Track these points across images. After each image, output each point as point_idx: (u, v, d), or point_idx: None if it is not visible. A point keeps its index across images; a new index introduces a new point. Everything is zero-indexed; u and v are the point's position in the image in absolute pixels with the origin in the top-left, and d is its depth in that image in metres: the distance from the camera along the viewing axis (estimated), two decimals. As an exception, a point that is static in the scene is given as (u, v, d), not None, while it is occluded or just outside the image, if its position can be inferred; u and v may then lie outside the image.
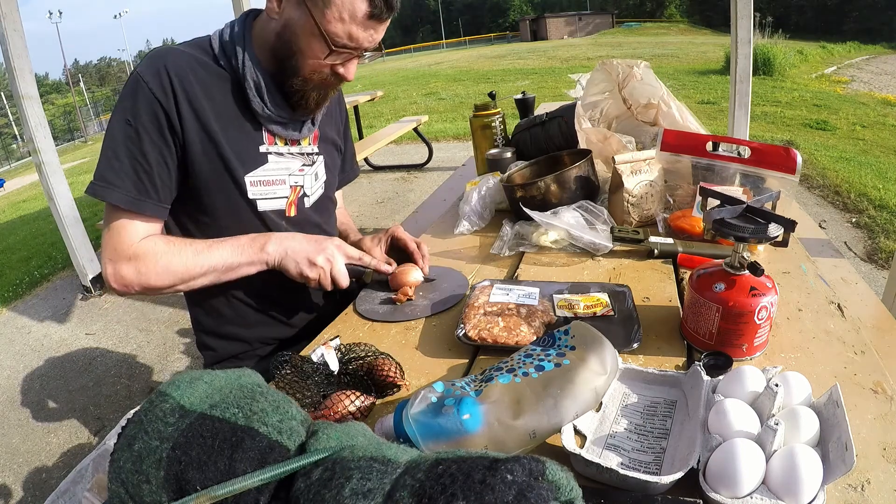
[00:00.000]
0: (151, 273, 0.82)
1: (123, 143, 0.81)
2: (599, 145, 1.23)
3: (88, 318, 3.04)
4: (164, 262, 0.83)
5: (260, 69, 0.86)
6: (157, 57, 0.83)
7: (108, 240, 0.84)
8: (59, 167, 3.04)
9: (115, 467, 0.40)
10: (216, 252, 0.85)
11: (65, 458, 1.90)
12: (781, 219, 0.61)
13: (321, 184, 1.02)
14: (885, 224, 3.06)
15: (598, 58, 5.85)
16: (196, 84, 0.83)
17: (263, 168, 0.91)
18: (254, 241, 0.86)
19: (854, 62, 13.79)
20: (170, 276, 0.83)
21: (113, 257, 0.83)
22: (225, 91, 0.87)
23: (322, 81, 0.87)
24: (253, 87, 0.86)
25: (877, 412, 0.55)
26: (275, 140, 0.93)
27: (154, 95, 0.80)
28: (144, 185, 0.82)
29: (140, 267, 0.82)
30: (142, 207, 0.83)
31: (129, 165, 0.81)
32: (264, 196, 0.92)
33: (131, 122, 0.81)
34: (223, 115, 0.86)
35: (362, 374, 0.66)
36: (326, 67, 0.85)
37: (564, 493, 0.34)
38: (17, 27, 2.68)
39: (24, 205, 7.32)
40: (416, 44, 54.59)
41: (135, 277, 0.82)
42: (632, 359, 0.67)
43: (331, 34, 0.80)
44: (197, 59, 0.85)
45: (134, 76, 0.82)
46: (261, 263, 0.86)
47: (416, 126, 5.03)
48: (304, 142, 0.97)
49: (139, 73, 0.81)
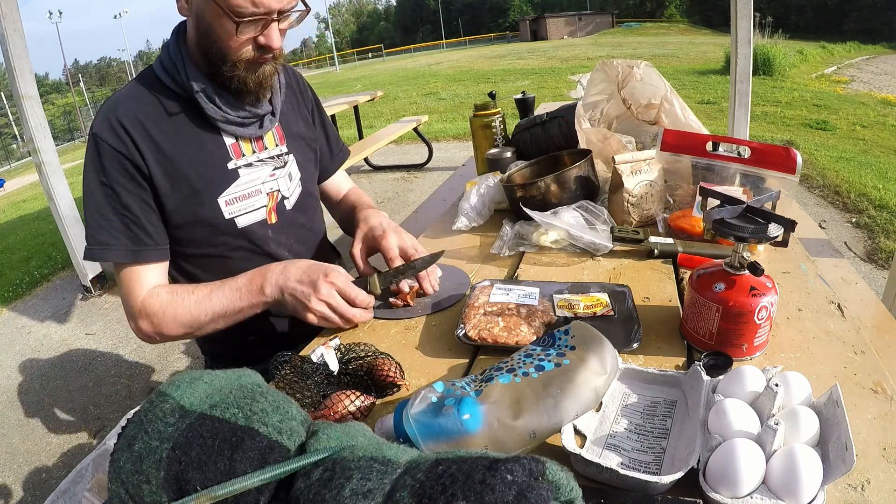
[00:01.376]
0: (163, 325, 0.85)
1: (105, 202, 0.83)
2: (599, 145, 1.23)
3: (88, 318, 3.04)
4: (170, 313, 0.84)
5: (201, 75, 0.85)
6: (108, 111, 0.84)
7: (122, 297, 0.87)
8: (59, 167, 3.04)
9: (115, 467, 0.40)
10: (216, 299, 0.84)
11: (65, 458, 1.90)
12: (781, 219, 0.61)
13: (297, 182, 1.01)
14: (885, 224, 3.06)
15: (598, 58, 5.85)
16: (150, 122, 0.84)
17: (235, 184, 0.91)
18: (251, 283, 0.83)
19: (854, 62, 13.79)
20: (180, 327, 0.85)
21: (130, 313, 0.87)
22: (180, 115, 0.87)
23: (251, 60, 0.83)
24: (203, 96, 0.85)
25: (877, 412, 0.55)
26: (241, 151, 0.92)
27: (114, 149, 0.82)
28: (138, 235, 0.85)
29: (153, 319, 0.85)
30: (143, 257, 0.86)
31: (118, 222, 0.84)
32: (242, 212, 0.92)
33: (105, 181, 0.83)
34: (182, 144, 0.86)
35: (362, 374, 0.66)
36: (247, 43, 0.81)
37: (564, 493, 0.34)
38: (17, 27, 2.68)
39: (24, 205, 7.32)
40: (416, 44, 54.62)
41: (152, 329, 0.85)
42: (632, 359, 0.67)
43: (233, 7, 0.77)
44: (145, 96, 0.86)
45: (91, 138, 0.84)
46: (261, 305, 0.84)
47: (416, 126, 5.04)
48: (271, 143, 0.96)
49: (96, 133, 0.83)
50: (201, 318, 0.84)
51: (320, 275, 0.79)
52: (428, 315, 0.83)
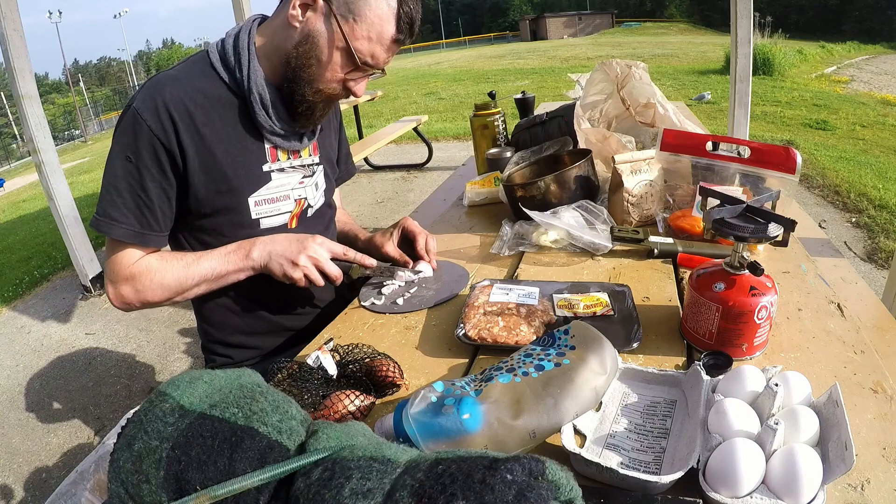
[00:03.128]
0: (147, 290, 0.86)
1: (125, 178, 0.82)
2: (599, 145, 1.23)
3: (88, 318, 3.04)
4: (157, 278, 0.86)
5: (265, 82, 0.86)
6: (154, 89, 0.82)
7: (109, 265, 0.87)
8: (59, 167, 3.04)
9: (114, 467, 0.40)
10: (205, 263, 0.87)
11: (65, 458, 1.90)
12: (781, 218, 0.61)
13: (321, 193, 1.03)
14: (885, 224, 3.06)
15: (598, 58, 5.85)
16: (197, 109, 0.83)
17: (267, 187, 0.92)
18: (239, 248, 0.88)
19: (854, 62, 13.78)
20: (164, 291, 0.86)
21: (113, 279, 0.87)
22: (226, 109, 0.86)
23: (332, 95, 0.88)
24: (259, 101, 0.86)
25: (876, 412, 0.55)
26: (277, 156, 0.93)
27: (154, 133, 0.80)
28: (147, 219, 0.84)
29: (136, 285, 0.86)
30: (145, 241, 0.86)
31: (131, 201, 0.83)
32: (268, 214, 0.93)
33: (132, 159, 0.81)
34: (225, 137, 0.86)
35: (361, 375, 0.66)
36: (341, 82, 0.86)
37: (564, 492, 0.34)
38: (17, 27, 2.68)
39: (24, 205, 7.32)
40: (416, 43, 54.60)
41: (133, 295, 0.86)
42: (632, 358, 0.67)
43: (357, 51, 0.81)
44: (196, 82, 0.84)
45: (132, 112, 0.81)
46: (247, 270, 0.88)
47: (415, 126, 5.03)
48: (305, 153, 0.98)
49: (137, 110, 0.80)
50: (186, 283, 0.86)
51: (308, 237, 0.87)
52: (430, 308, 0.84)
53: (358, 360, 0.67)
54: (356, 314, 0.87)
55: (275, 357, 0.97)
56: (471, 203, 1.32)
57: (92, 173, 8.76)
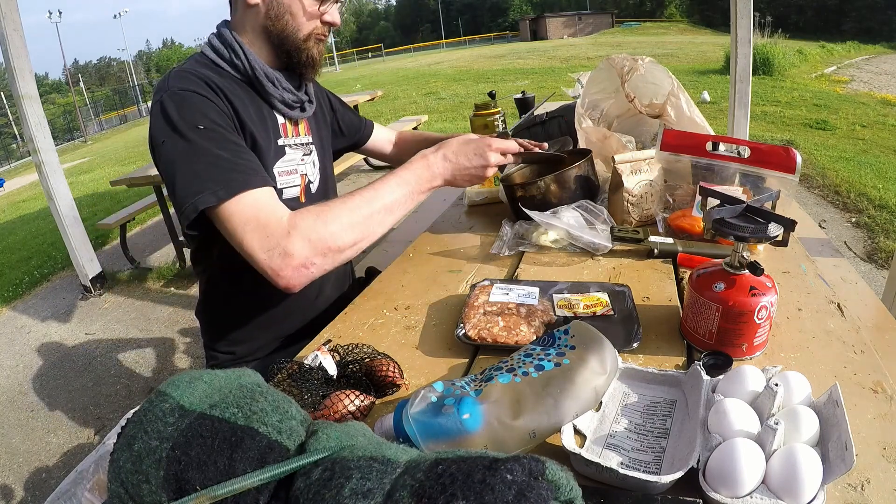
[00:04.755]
0: (327, 237, 0.74)
1: (212, 144, 0.76)
2: (599, 145, 1.23)
3: (88, 318, 3.04)
4: (332, 217, 0.75)
5: (260, 60, 0.92)
6: (180, 74, 0.85)
7: (252, 236, 0.73)
8: (59, 167, 3.04)
9: (114, 467, 0.40)
10: (385, 193, 0.81)
11: (65, 458, 1.90)
12: (781, 218, 0.61)
13: (317, 170, 1.07)
14: (885, 224, 3.06)
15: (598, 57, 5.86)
16: (224, 88, 0.86)
17: (283, 160, 0.95)
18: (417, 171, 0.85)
19: (854, 62, 13.78)
20: (349, 230, 0.76)
21: (270, 245, 0.72)
22: (242, 92, 0.91)
23: (318, 35, 0.93)
24: (265, 76, 0.91)
25: (876, 412, 0.55)
26: (287, 132, 0.98)
27: (207, 98, 0.82)
28: (255, 163, 0.80)
29: (310, 234, 0.73)
30: (265, 180, 0.78)
31: (233, 157, 0.76)
32: (287, 185, 0.97)
33: (203, 126, 0.77)
34: (249, 113, 0.90)
35: (361, 375, 0.66)
36: (316, 20, 0.92)
37: (564, 492, 0.34)
38: (17, 27, 2.68)
39: (23, 205, 7.32)
40: (416, 43, 54.58)
41: (308, 249, 0.73)
42: (632, 358, 0.67)
43: None
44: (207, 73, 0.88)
45: (170, 95, 0.79)
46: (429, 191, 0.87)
47: (415, 126, 5.03)
48: (303, 131, 1.02)
49: (178, 90, 0.80)
50: (373, 217, 0.78)
51: (483, 147, 0.88)
52: None
53: (358, 360, 0.67)
54: (356, 314, 0.87)
55: (275, 357, 0.97)
56: (471, 203, 1.32)
57: (92, 173, 8.76)
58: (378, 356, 0.68)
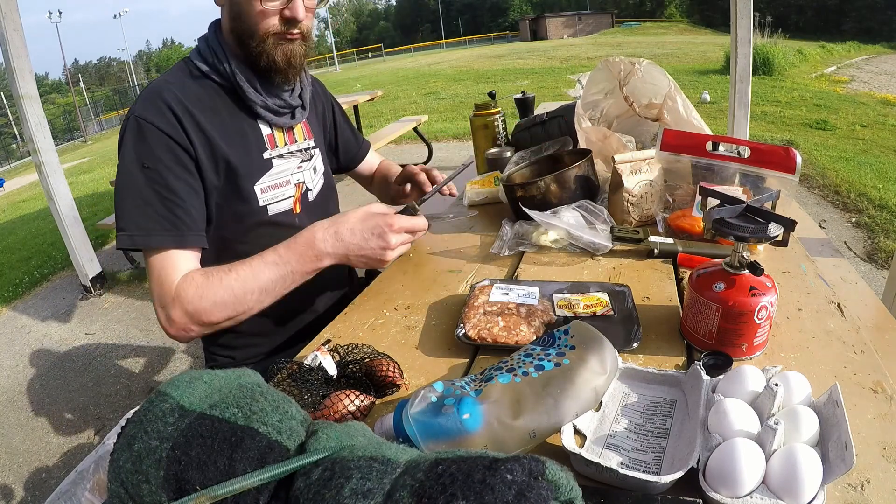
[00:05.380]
0: (201, 311, 0.78)
1: (147, 186, 0.80)
2: (599, 145, 1.23)
3: (88, 318, 3.04)
4: (209, 295, 0.78)
5: (240, 63, 0.89)
6: (152, 94, 0.84)
7: (154, 287, 0.81)
8: (59, 167, 3.04)
9: (114, 467, 0.40)
10: (260, 271, 0.80)
11: (65, 458, 1.90)
12: (781, 218, 0.61)
13: (321, 175, 1.05)
14: (885, 224, 3.06)
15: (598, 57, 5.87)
16: (195, 107, 0.85)
17: (269, 174, 0.93)
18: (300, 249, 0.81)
19: (854, 62, 13.78)
20: (221, 309, 0.79)
21: (162, 303, 0.80)
22: (222, 103, 0.89)
23: (278, 35, 0.86)
24: (246, 82, 0.89)
25: (876, 412, 0.55)
26: (275, 142, 0.95)
27: (162, 131, 0.81)
28: (182, 218, 0.82)
29: (188, 307, 0.78)
30: (183, 240, 0.82)
31: (160, 206, 0.80)
32: (274, 200, 0.95)
33: (149, 164, 0.80)
34: (227, 130, 0.88)
35: (361, 375, 0.66)
36: (273, 16, 0.85)
37: (564, 492, 0.34)
38: (17, 27, 2.68)
39: (24, 205, 7.32)
40: (416, 43, 54.58)
41: (186, 319, 0.79)
42: (632, 358, 0.67)
43: None
44: (188, 83, 0.87)
45: (135, 121, 0.81)
46: (313, 271, 0.83)
47: (415, 126, 5.04)
48: (300, 136, 1.01)
49: (140, 116, 0.81)
50: (246, 297, 0.79)
51: (384, 228, 0.81)
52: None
53: (358, 360, 0.67)
54: (356, 314, 0.87)
55: (275, 357, 0.97)
56: (471, 203, 1.32)
57: (92, 173, 8.76)
58: (378, 356, 0.68)
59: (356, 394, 0.61)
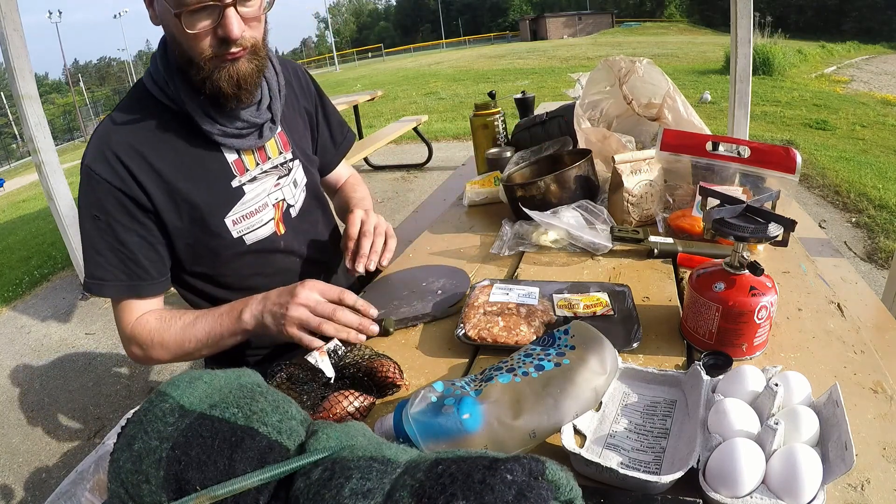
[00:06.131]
0: (152, 351, 0.84)
1: (99, 237, 0.81)
2: (599, 145, 1.23)
3: (88, 318, 3.04)
4: (157, 339, 0.83)
5: (189, 88, 0.80)
6: (99, 141, 0.80)
7: (116, 323, 0.87)
8: (59, 167, 3.04)
9: (114, 467, 0.40)
10: (199, 325, 0.82)
11: (65, 458, 1.90)
12: (781, 218, 0.61)
13: (303, 187, 0.99)
14: (885, 224, 3.06)
15: (598, 57, 5.87)
16: (147, 148, 0.80)
17: (241, 203, 0.88)
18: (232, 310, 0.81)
19: (854, 62, 13.77)
20: (167, 353, 0.84)
21: (122, 337, 0.87)
22: (178, 133, 0.83)
23: (217, 58, 0.76)
24: (199, 110, 0.81)
25: (876, 412, 0.55)
26: (245, 167, 0.88)
27: (110, 183, 0.79)
28: (134, 270, 0.83)
29: (142, 347, 0.84)
30: (138, 291, 0.85)
31: (113, 257, 0.82)
32: (250, 229, 0.91)
33: (99, 216, 0.80)
34: (184, 164, 0.83)
35: (361, 375, 0.66)
36: (205, 38, 0.73)
37: (564, 492, 0.34)
38: (17, 27, 2.67)
39: (24, 205, 7.32)
40: (416, 43, 54.59)
41: (141, 354, 0.85)
42: (632, 358, 0.67)
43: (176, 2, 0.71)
44: (138, 118, 0.82)
45: (85, 170, 0.80)
46: (241, 332, 0.81)
47: (415, 126, 5.04)
48: (274, 151, 0.93)
49: (88, 166, 0.80)
50: (186, 346, 0.83)
51: (298, 284, 0.76)
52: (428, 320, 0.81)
53: (358, 360, 0.67)
54: (356, 314, 0.87)
55: (275, 357, 0.97)
56: (471, 203, 1.32)
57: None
58: (378, 356, 0.68)
59: (356, 394, 0.61)
